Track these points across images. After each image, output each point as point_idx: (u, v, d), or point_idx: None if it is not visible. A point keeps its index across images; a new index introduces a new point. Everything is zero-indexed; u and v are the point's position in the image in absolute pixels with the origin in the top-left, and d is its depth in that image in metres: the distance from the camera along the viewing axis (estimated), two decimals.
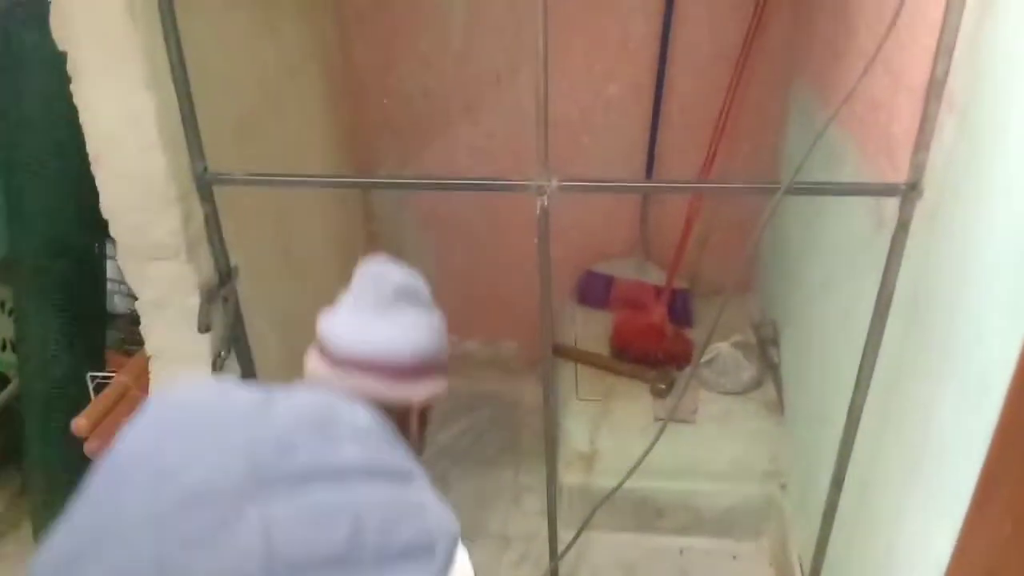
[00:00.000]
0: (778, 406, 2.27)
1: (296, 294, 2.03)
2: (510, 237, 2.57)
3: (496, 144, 2.51)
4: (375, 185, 2.57)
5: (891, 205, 1.37)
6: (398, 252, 2.69)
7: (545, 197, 1.43)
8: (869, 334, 1.43)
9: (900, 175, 1.34)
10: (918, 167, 1.29)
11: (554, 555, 1.88)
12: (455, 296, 2.93)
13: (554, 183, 1.41)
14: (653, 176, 2.49)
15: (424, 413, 1.10)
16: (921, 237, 1.32)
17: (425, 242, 2.73)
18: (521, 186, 1.42)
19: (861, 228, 1.59)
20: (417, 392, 1.04)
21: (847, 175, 1.68)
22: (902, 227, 1.34)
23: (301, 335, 2.02)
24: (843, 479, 1.58)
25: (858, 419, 1.50)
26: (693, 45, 2.34)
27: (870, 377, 1.46)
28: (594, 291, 2.67)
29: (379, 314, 1.02)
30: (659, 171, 2.50)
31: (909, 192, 1.31)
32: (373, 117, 2.54)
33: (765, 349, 2.36)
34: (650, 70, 2.37)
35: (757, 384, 2.32)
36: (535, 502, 2.31)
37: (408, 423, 1.05)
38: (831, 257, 1.86)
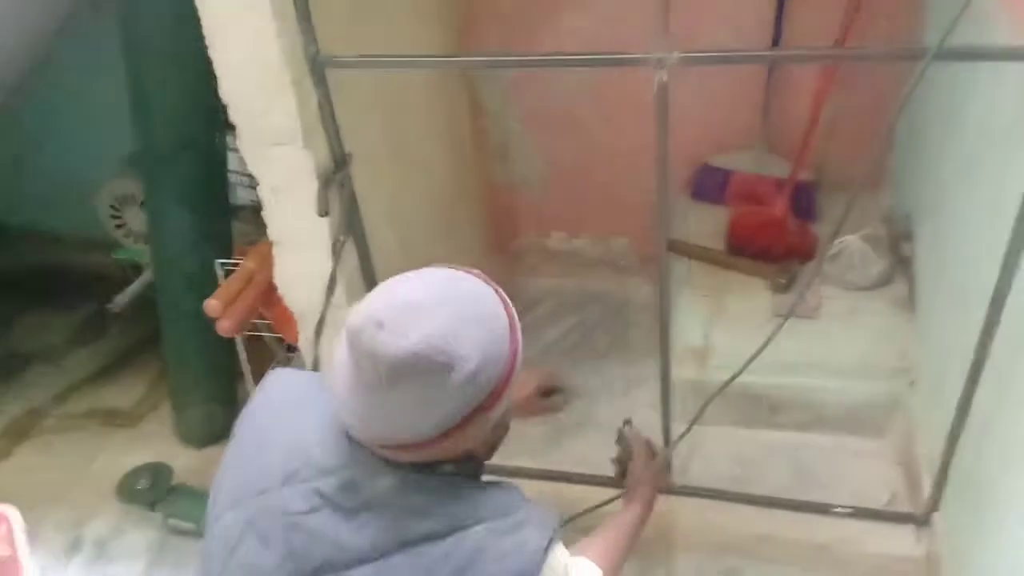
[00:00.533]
0: (908, 302, 2.14)
1: (407, 186, 2.04)
2: (621, 129, 2.48)
3: (607, 30, 2.40)
4: (488, 64, 2.49)
5: None
6: (504, 147, 2.69)
7: (664, 71, 1.35)
8: (1019, 217, 1.31)
9: None
10: None
11: (666, 444, 1.87)
12: (564, 192, 2.91)
13: (675, 55, 1.33)
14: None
15: (498, 429, 1.04)
16: None
17: (532, 136, 2.68)
18: (639, 59, 1.34)
19: (1010, 103, 1.44)
20: (467, 439, 0.94)
21: (997, 44, 1.51)
22: None
23: (412, 227, 2.05)
24: (981, 370, 1.48)
25: (1002, 306, 1.40)
26: None
27: (1017, 260, 1.34)
28: (710, 186, 2.56)
29: (382, 396, 0.89)
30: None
31: None
32: (480, 5, 2.47)
33: (897, 243, 2.21)
34: None
35: (887, 279, 2.19)
36: (645, 395, 2.30)
37: (475, 457, 1.02)
38: (975, 139, 1.70)
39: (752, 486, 1.98)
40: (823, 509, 1.88)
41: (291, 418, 1.02)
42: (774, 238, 2.32)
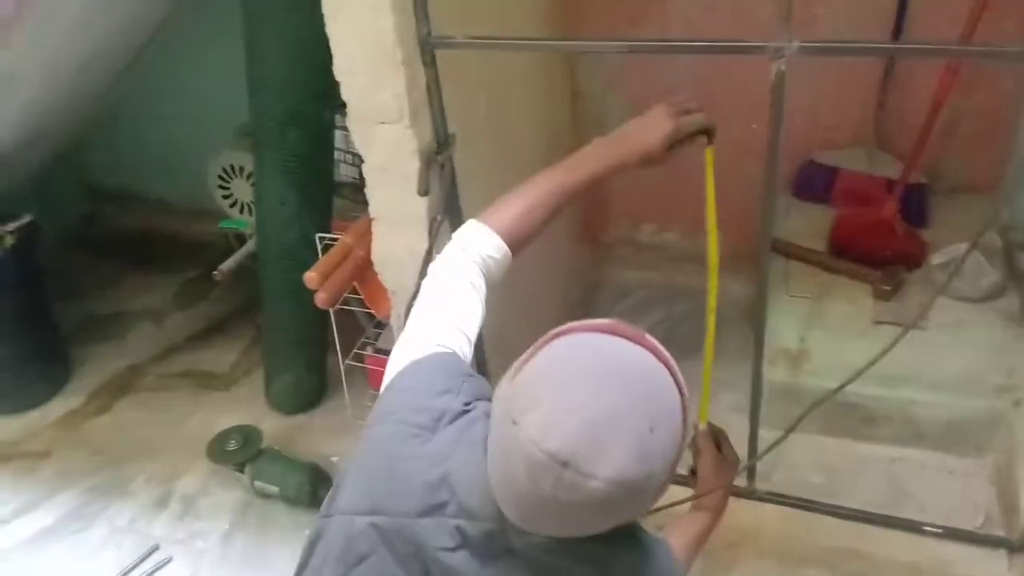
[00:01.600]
0: (1020, 317, 2.03)
1: (506, 168, 2.03)
2: (723, 120, 2.41)
3: (716, 17, 2.34)
4: (596, 48, 2.45)
5: None
6: (603, 133, 2.66)
7: (783, 61, 1.30)
8: None
9: None
10: None
11: (753, 453, 1.82)
12: (656, 184, 2.85)
13: (795, 44, 1.28)
14: None
15: None
16: None
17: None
18: (757, 48, 1.30)
19: None
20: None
21: None
22: None
23: None
24: None
25: None
26: None
27: None
28: (814, 183, 2.47)
29: (562, 514, 0.84)
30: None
31: None
32: None
33: (1012, 254, 2.10)
34: None
35: (999, 292, 2.08)
36: (731, 398, 2.25)
37: None
38: None
39: (839, 498, 1.93)
40: (913, 527, 1.82)
41: (433, 442, 0.98)
42: (880, 242, 2.22)
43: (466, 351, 1.10)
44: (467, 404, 1.01)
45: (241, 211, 2.42)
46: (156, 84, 2.80)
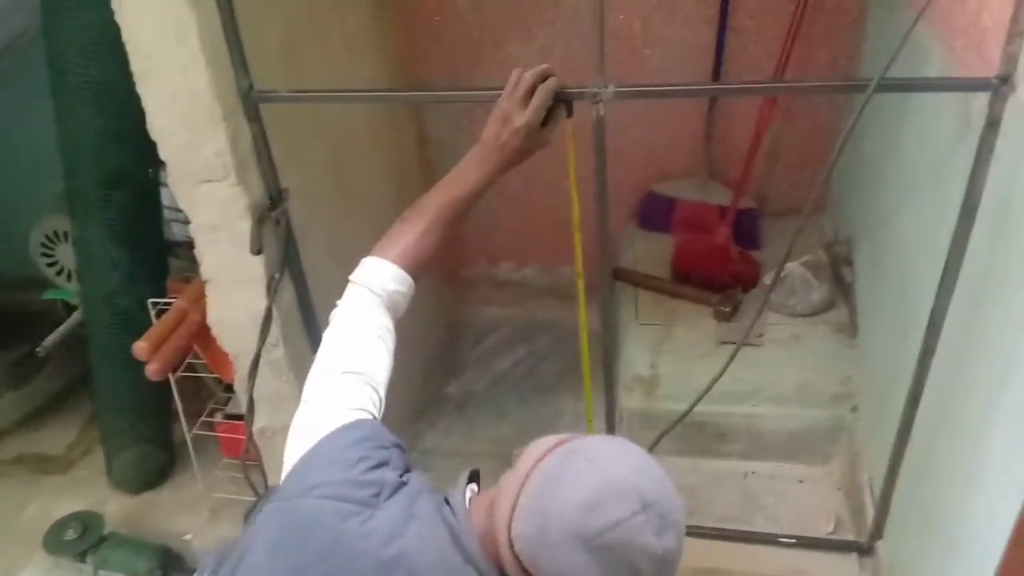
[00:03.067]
0: (850, 327, 2.17)
1: (350, 219, 2.00)
2: (567, 159, 2.48)
3: (550, 60, 2.40)
4: (423, 99, 2.50)
5: (979, 102, 1.25)
6: None
7: (601, 105, 1.35)
8: (954, 240, 1.34)
9: (991, 70, 1.22)
10: (1011, 58, 1.18)
11: None
12: (512, 222, 2.90)
13: (610, 89, 1.33)
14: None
15: None
16: (1013, 136, 1.20)
17: None
18: (575, 94, 1.34)
19: (946, 131, 1.47)
20: None
21: (932, 75, 1.55)
22: (991, 125, 1.23)
23: (355, 258, 2.01)
24: (920, 395, 1.50)
25: (939, 330, 1.42)
26: None
27: (953, 286, 1.37)
28: (655, 213, 2.58)
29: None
30: (727, 81, 2.37)
31: (1001, 86, 1.19)
32: (423, 35, 2.47)
33: (838, 268, 2.25)
34: None
35: (828, 305, 2.22)
36: (596, 426, 2.29)
37: None
38: (912, 166, 1.73)
39: (697, 516, 1.98)
40: (770, 540, 1.88)
41: (376, 519, 0.93)
42: (717, 265, 2.34)
43: (380, 410, 1.06)
44: (402, 476, 0.97)
45: (68, 279, 2.27)
46: None
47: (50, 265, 2.27)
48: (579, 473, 0.85)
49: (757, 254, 2.43)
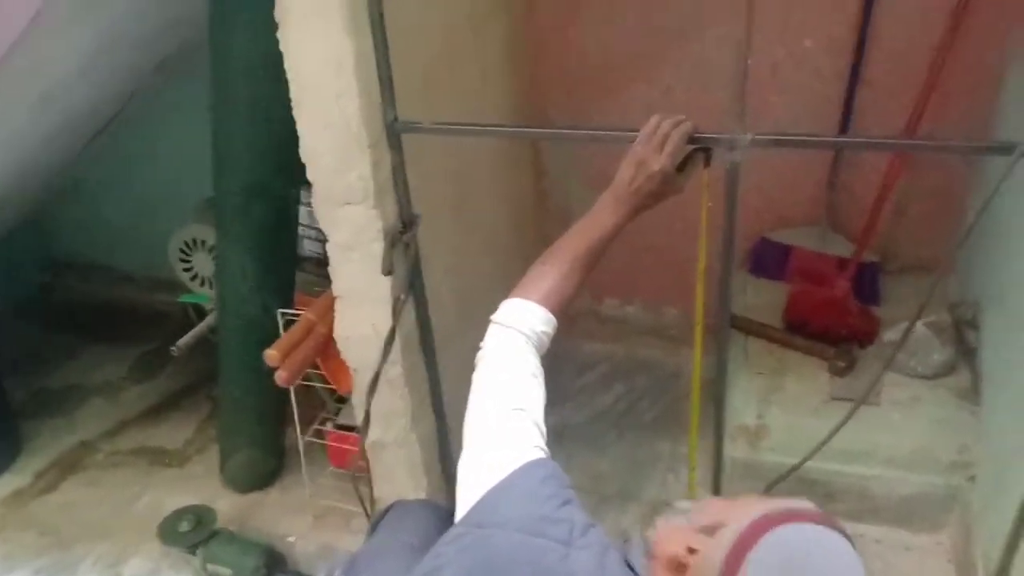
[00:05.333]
0: (972, 393, 2.08)
1: (468, 247, 2.06)
2: (680, 199, 2.49)
3: (674, 101, 2.43)
4: (554, 136, 2.55)
5: None
6: (565, 210, 2.71)
7: (737, 152, 1.35)
8: None
9: None
10: None
11: None
12: (618, 258, 2.89)
13: (747, 137, 1.33)
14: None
15: None
16: None
17: (592, 202, 2.69)
18: (711, 139, 1.35)
19: None
20: None
21: None
22: None
23: (471, 285, 2.07)
24: None
25: None
26: None
27: None
28: (769, 260, 2.54)
29: None
30: (855, 133, 2.33)
31: None
32: (550, 74, 2.52)
33: (962, 331, 2.16)
34: (852, 22, 2.20)
35: (950, 369, 2.13)
36: (696, 474, 2.26)
37: None
38: None
39: None
40: None
41: (572, 559, 0.93)
42: (834, 319, 2.28)
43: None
44: (588, 519, 0.97)
45: (202, 285, 2.41)
46: (121, 154, 2.80)
47: (186, 270, 2.41)
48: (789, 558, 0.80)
49: (876, 310, 2.36)
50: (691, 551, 0.89)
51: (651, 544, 0.95)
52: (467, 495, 1.01)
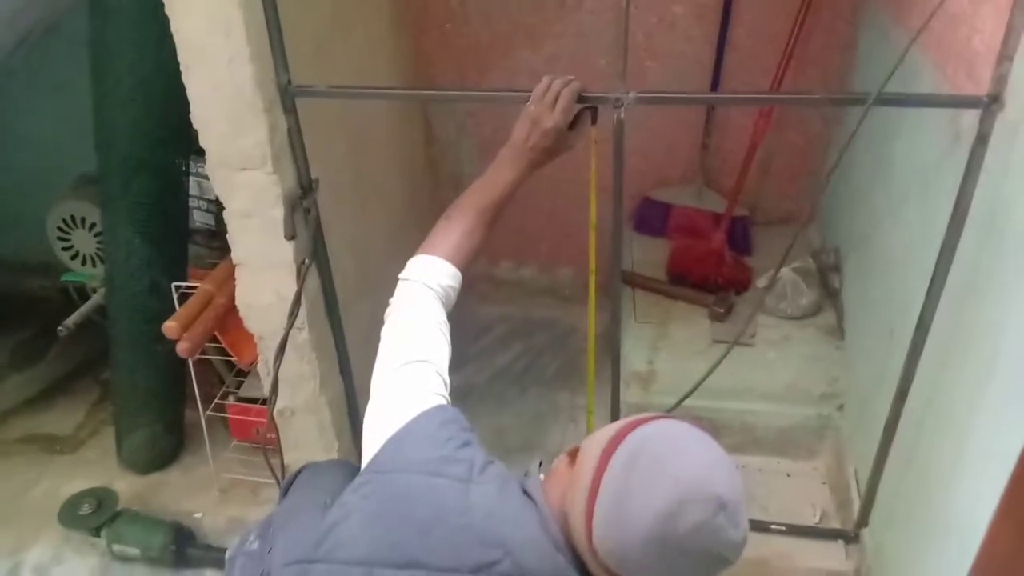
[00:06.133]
0: (837, 331, 2.29)
1: (366, 213, 2.09)
2: (567, 163, 2.58)
3: (558, 68, 2.50)
4: (448, 98, 2.62)
5: (969, 119, 1.37)
6: (457, 176, 2.77)
7: (622, 110, 1.45)
8: (943, 248, 1.45)
9: (981, 90, 1.33)
10: (1000, 79, 1.29)
11: None
12: (511, 223, 2.98)
13: (632, 94, 1.43)
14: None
15: None
16: (1000, 151, 1.32)
17: (483, 168, 2.75)
18: (599, 98, 1.43)
19: (936, 146, 1.59)
20: None
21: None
22: (981, 140, 1.34)
23: (369, 251, 2.09)
24: (908, 391, 1.61)
25: (927, 330, 1.53)
26: None
27: (941, 289, 1.48)
28: (651, 218, 2.69)
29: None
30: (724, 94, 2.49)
31: (991, 104, 1.31)
32: (434, 43, 2.56)
33: (826, 275, 2.37)
34: None
35: (817, 309, 2.34)
36: (596, 420, 2.38)
37: None
38: (901, 178, 1.85)
39: None
40: (761, 527, 1.98)
41: (473, 494, 0.99)
42: (712, 269, 2.45)
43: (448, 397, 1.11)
44: (488, 457, 1.03)
45: (83, 263, 2.31)
46: None
47: (65, 249, 2.31)
48: (651, 479, 0.87)
49: (748, 260, 2.54)
50: (572, 455, 1.00)
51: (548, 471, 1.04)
52: (371, 445, 1.06)
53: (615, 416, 1.90)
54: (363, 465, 1.07)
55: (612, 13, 2.40)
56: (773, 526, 1.97)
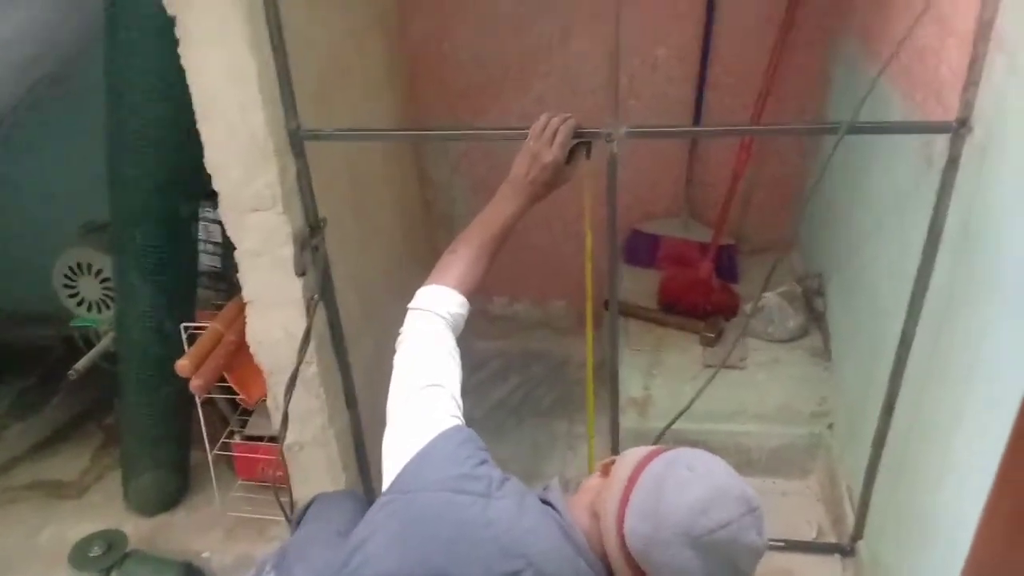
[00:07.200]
0: (824, 352, 2.37)
1: (368, 251, 2.16)
2: (557, 200, 2.66)
3: (546, 108, 2.58)
4: (452, 137, 2.72)
5: (941, 143, 1.46)
6: (450, 217, 2.84)
7: (615, 144, 1.53)
8: (920, 267, 1.53)
9: (950, 115, 1.43)
10: (967, 104, 1.39)
11: None
12: (505, 259, 3.05)
13: (623, 129, 1.52)
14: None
15: None
16: (971, 172, 1.41)
17: (476, 208, 2.83)
18: (592, 134, 1.51)
19: (909, 170, 1.69)
20: None
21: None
22: (952, 163, 1.44)
23: (371, 289, 2.16)
24: (894, 405, 1.68)
25: (909, 346, 1.61)
26: (739, 6, 2.43)
27: (921, 306, 1.56)
28: (641, 250, 2.77)
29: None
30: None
31: (960, 128, 1.40)
32: (428, 87, 2.66)
33: (810, 299, 2.46)
34: (697, 33, 2.46)
35: (804, 332, 2.42)
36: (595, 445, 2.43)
37: None
38: (878, 203, 1.95)
39: None
40: None
41: (493, 509, 1.04)
42: (701, 296, 2.53)
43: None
44: (504, 474, 1.08)
45: (89, 310, 2.36)
46: None
47: (71, 296, 2.36)
48: (686, 479, 0.97)
49: (736, 287, 2.63)
50: (605, 469, 1.07)
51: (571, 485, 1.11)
52: (391, 467, 1.11)
53: (615, 442, 1.96)
54: (384, 486, 1.12)
55: (597, 54, 2.51)
56: (772, 542, 2.01)
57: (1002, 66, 1.30)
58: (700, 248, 2.66)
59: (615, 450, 1.95)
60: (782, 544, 2.01)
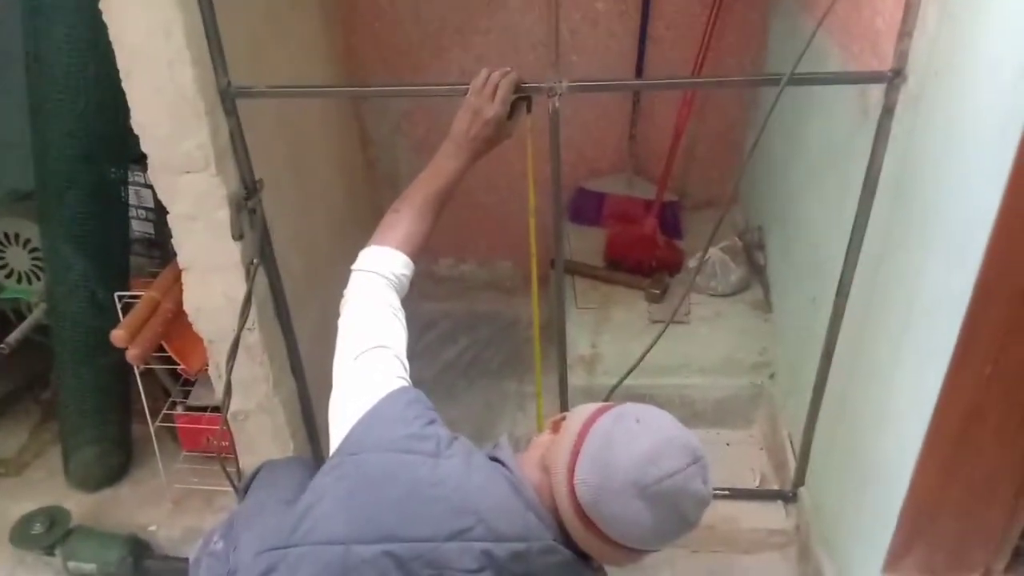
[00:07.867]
0: (765, 304, 2.42)
1: (308, 212, 2.11)
2: (501, 159, 2.64)
3: (487, 64, 2.55)
4: (390, 94, 2.68)
5: (876, 94, 1.48)
6: (393, 176, 2.80)
7: (557, 98, 1.51)
8: (857, 214, 1.56)
9: (885, 66, 1.45)
10: (902, 54, 1.41)
11: None
12: (450, 220, 3.02)
13: (565, 83, 1.50)
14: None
15: None
16: (906, 120, 1.43)
17: (419, 167, 2.79)
18: (534, 88, 1.49)
19: (846, 121, 1.71)
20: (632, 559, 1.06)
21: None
22: (887, 112, 1.46)
23: (313, 251, 2.11)
24: (833, 350, 1.73)
25: (847, 294, 1.64)
26: None
27: (858, 254, 1.60)
28: (586, 208, 2.77)
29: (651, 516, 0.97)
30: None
31: (895, 78, 1.42)
32: (366, 43, 2.59)
33: (751, 253, 2.49)
34: None
35: (745, 285, 2.46)
36: (544, 405, 2.44)
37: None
38: (816, 155, 1.98)
39: None
40: None
41: (442, 467, 1.04)
42: (646, 252, 2.55)
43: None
44: (452, 433, 1.09)
45: (18, 281, 2.27)
46: None
47: (0, 267, 2.26)
48: (634, 431, 0.99)
49: (679, 242, 2.65)
50: (555, 425, 1.08)
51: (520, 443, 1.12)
52: (339, 430, 1.11)
53: (564, 399, 1.97)
54: (331, 451, 1.11)
55: (537, 10, 2.48)
56: (716, 491, 2.06)
57: (935, 16, 1.32)
58: (645, 205, 2.67)
59: (564, 408, 1.97)
60: (727, 492, 2.06)
